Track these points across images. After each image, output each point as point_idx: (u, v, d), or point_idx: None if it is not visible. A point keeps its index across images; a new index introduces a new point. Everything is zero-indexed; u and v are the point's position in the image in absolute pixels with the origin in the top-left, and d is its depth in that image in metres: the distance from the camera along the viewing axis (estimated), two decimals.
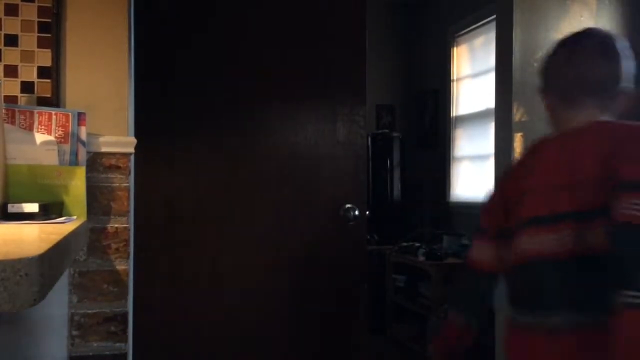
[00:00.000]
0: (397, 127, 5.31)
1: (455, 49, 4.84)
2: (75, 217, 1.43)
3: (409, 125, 5.32)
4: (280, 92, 2.26)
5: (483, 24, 4.37)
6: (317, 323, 2.28)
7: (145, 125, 1.94)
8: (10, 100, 1.58)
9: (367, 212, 2.30)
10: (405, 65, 5.41)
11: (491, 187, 1.59)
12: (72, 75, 1.66)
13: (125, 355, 1.67)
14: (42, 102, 1.62)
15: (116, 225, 1.66)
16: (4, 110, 1.45)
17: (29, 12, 1.63)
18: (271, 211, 2.24)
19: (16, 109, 1.49)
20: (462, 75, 4.79)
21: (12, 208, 1.25)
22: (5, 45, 1.61)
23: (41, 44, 1.63)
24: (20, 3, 1.62)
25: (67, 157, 1.51)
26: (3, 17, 1.61)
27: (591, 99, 1.40)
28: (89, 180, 1.57)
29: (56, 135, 1.50)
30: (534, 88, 2.75)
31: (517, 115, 2.75)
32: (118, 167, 1.67)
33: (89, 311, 1.64)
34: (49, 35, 1.63)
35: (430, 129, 5.10)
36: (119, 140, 1.67)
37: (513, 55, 2.74)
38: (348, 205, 2.26)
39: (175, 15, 2.17)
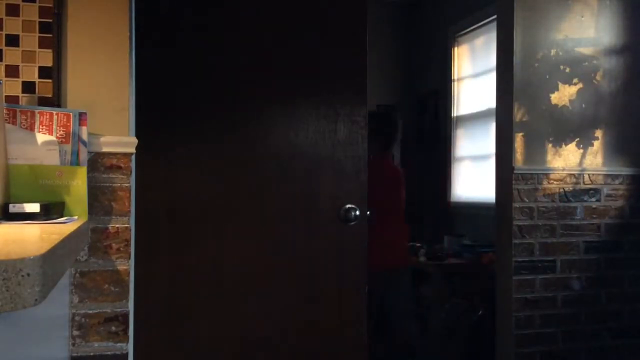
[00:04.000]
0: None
1: (456, 49, 4.84)
2: (76, 217, 1.43)
3: (409, 125, 5.32)
4: (280, 92, 2.26)
5: (484, 24, 4.37)
6: (317, 322, 2.28)
7: (147, 125, 1.94)
8: (12, 100, 1.58)
9: (367, 212, 2.30)
10: (406, 65, 5.41)
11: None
12: (73, 75, 1.66)
13: (126, 355, 1.67)
14: (43, 102, 1.62)
15: (117, 226, 1.67)
16: (5, 110, 1.45)
17: (30, 12, 1.63)
18: (271, 211, 2.24)
19: (17, 109, 1.49)
20: (462, 75, 4.79)
21: (14, 208, 1.25)
22: (6, 45, 1.62)
23: (42, 44, 1.63)
24: (21, 3, 1.62)
25: (68, 157, 1.51)
26: (4, 17, 1.61)
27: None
28: (90, 180, 1.57)
29: (57, 135, 1.51)
30: (535, 88, 2.76)
31: (518, 115, 2.75)
32: (119, 167, 1.67)
33: (90, 311, 1.64)
34: (50, 35, 1.63)
35: (431, 129, 5.10)
36: (120, 140, 1.67)
37: (514, 55, 2.74)
38: (348, 205, 2.26)
39: (176, 15, 2.17)
